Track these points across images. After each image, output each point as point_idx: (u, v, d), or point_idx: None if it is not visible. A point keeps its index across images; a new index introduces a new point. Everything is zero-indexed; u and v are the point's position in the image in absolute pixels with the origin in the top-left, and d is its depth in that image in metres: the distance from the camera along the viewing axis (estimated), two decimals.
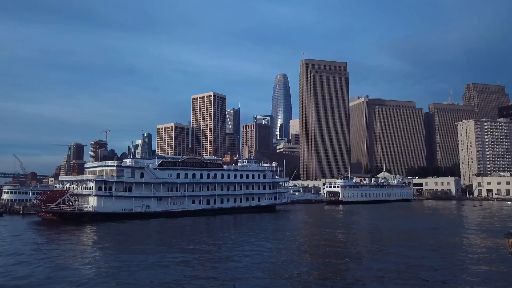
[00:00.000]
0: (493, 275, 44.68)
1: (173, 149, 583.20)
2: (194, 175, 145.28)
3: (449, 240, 73.73)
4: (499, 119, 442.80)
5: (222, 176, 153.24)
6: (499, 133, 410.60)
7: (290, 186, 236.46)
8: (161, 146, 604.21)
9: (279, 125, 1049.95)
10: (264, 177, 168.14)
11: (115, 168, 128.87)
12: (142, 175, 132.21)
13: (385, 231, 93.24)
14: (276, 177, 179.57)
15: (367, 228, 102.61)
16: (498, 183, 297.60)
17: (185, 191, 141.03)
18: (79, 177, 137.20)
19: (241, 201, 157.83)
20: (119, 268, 48.87)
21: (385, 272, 46.55)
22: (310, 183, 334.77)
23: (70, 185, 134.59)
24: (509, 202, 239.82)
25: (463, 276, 44.83)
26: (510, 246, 14.49)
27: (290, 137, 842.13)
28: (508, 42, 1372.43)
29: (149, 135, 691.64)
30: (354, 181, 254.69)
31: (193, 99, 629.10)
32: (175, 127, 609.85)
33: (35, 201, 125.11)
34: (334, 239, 77.59)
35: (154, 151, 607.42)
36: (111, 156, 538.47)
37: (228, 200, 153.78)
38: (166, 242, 72.99)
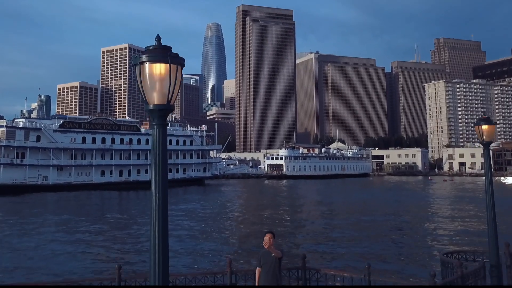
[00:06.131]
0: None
1: (77, 114, 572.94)
2: (104, 140, 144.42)
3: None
4: (474, 81, 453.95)
5: (139, 142, 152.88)
6: (473, 97, 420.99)
7: (223, 158, 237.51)
8: (63, 110, 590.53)
9: (210, 87, 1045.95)
10: (191, 143, 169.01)
11: (4, 129, 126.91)
12: (38, 139, 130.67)
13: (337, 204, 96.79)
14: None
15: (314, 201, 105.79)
16: (472, 155, 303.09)
17: (92, 159, 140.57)
18: None
19: None
20: None
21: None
22: (247, 156, 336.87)
23: None
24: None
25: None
26: (480, 134, 16.07)
27: (224, 101, 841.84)
28: None
29: (48, 97, 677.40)
30: (300, 151, 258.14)
31: (104, 52, 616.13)
32: (81, 87, 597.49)
33: None
34: (274, 215, 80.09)
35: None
36: None
37: (146, 172, 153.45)
38: (62, 218, 72.03)
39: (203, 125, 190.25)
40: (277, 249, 13.41)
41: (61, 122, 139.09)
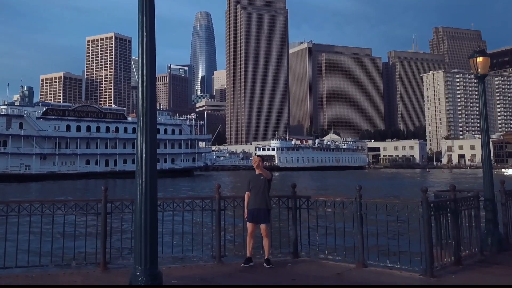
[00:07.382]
0: None
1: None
2: (89, 128, 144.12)
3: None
4: None
5: (125, 130, 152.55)
6: (473, 88, 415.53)
7: (213, 150, 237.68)
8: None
9: (200, 78, 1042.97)
10: (180, 132, 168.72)
11: None
12: (21, 126, 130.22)
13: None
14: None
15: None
16: (472, 147, 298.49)
17: (77, 148, 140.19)
18: None
19: None
20: None
21: None
22: (238, 148, 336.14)
23: None
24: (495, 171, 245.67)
25: None
26: (475, 67, 16.36)
27: (214, 93, 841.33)
28: None
29: (30, 89, 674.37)
30: (293, 143, 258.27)
31: (89, 41, 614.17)
32: (64, 77, 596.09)
33: None
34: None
35: None
36: None
37: (132, 161, 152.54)
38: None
39: (192, 114, 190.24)
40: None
41: (45, 109, 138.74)
